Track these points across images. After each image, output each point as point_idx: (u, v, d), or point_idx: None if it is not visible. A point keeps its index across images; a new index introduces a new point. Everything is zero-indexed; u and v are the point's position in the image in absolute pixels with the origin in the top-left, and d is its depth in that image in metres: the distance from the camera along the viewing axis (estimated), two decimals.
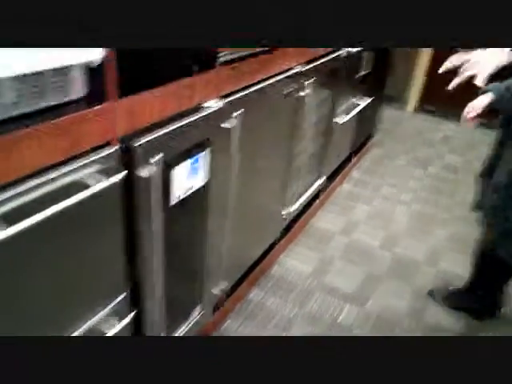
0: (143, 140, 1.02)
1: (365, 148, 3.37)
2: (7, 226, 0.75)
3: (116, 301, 1.12)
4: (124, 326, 1.12)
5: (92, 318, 1.05)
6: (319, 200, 2.58)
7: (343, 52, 2.21)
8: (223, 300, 1.75)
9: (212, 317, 1.64)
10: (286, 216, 2.09)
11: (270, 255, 2.10)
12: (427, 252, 2.40)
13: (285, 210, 2.06)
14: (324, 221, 2.59)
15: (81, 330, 1.02)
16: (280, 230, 2.13)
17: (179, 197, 1.22)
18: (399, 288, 2.13)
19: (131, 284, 1.18)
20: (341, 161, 2.85)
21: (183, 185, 1.22)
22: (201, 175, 1.29)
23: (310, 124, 2.00)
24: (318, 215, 2.63)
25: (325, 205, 2.73)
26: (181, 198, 1.23)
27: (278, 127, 1.77)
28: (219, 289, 1.59)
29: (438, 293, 2.07)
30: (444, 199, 2.94)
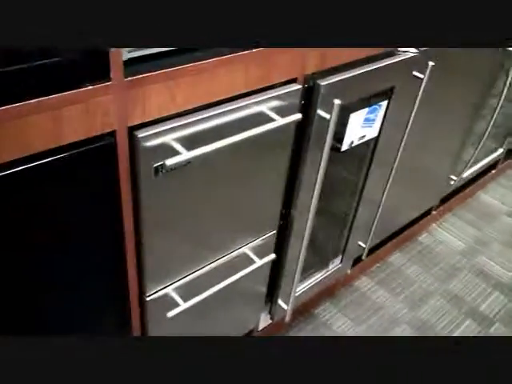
0: (329, 81, 0.95)
1: None
2: (194, 148, 0.77)
3: (266, 235, 1.13)
4: (264, 264, 1.13)
5: (242, 246, 1.08)
6: (495, 171, 2.28)
7: None
8: (362, 256, 1.68)
9: (350, 269, 1.60)
10: (455, 182, 1.89)
11: (422, 221, 1.95)
12: None
13: (455, 176, 1.86)
14: (493, 196, 2.30)
15: (231, 255, 1.05)
16: (441, 197, 1.95)
17: (352, 143, 1.14)
18: None
19: (282, 224, 1.18)
20: None
21: (357, 132, 1.14)
22: (376, 124, 1.19)
23: (508, 86, 1.71)
24: (488, 188, 2.34)
25: (498, 178, 2.41)
26: (352, 145, 1.15)
27: (470, 84, 1.55)
28: (363, 243, 1.53)
29: None
30: None
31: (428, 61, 1.18)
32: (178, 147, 0.77)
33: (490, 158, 2.12)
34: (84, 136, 0.66)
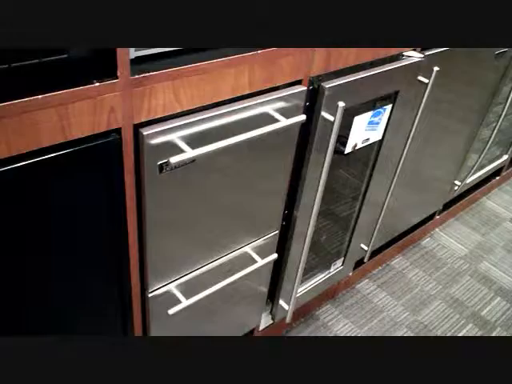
0: (334, 83, 0.96)
1: None
2: (198, 147, 0.78)
3: (268, 235, 1.13)
4: (265, 264, 1.14)
5: (244, 246, 1.08)
6: (499, 177, 2.28)
7: None
8: (364, 259, 1.69)
9: (352, 272, 1.60)
10: (458, 187, 1.89)
11: (425, 225, 1.95)
12: None
13: (459, 181, 1.86)
14: (497, 202, 2.30)
15: (233, 254, 1.06)
16: (445, 202, 1.95)
17: (355, 146, 1.15)
18: None
19: (284, 224, 1.18)
20: None
21: (361, 135, 1.14)
22: (380, 128, 1.20)
23: None
24: (492, 194, 2.33)
25: (503, 184, 2.41)
26: (356, 148, 1.16)
27: (475, 90, 1.55)
28: (366, 246, 1.53)
29: None
30: None
31: (433, 66, 1.18)
32: (183, 145, 0.77)
33: (495, 165, 2.11)
34: (90, 132, 0.67)
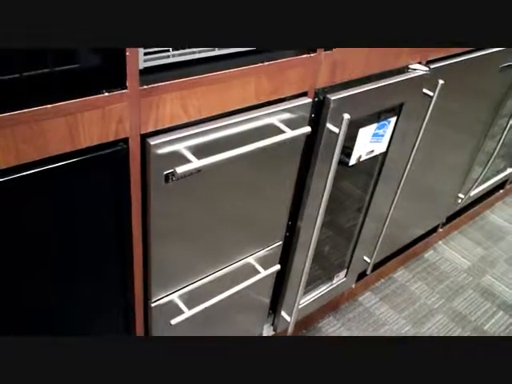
0: (339, 95, 0.96)
1: None
2: (204, 157, 0.78)
3: (272, 246, 1.13)
4: (268, 275, 1.13)
5: (247, 256, 1.08)
6: (503, 190, 2.28)
7: None
8: (367, 271, 1.68)
9: (354, 284, 1.59)
10: (462, 200, 1.88)
11: (428, 238, 1.94)
12: None
13: (462, 194, 1.86)
14: (500, 215, 2.29)
15: (237, 264, 1.06)
16: (448, 215, 1.94)
17: (360, 158, 1.15)
18: None
19: (288, 235, 1.18)
20: None
21: (365, 147, 1.15)
22: (385, 140, 1.20)
23: None
24: (496, 207, 2.33)
25: (507, 198, 2.40)
26: (360, 160, 1.16)
27: (480, 103, 1.55)
28: (369, 258, 1.53)
29: None
30: None
31: (438, 79, 1.19)
32: (189, 155, 0.78)
33: (499, 178, 2.11)
34: (98, 141, 0.68)
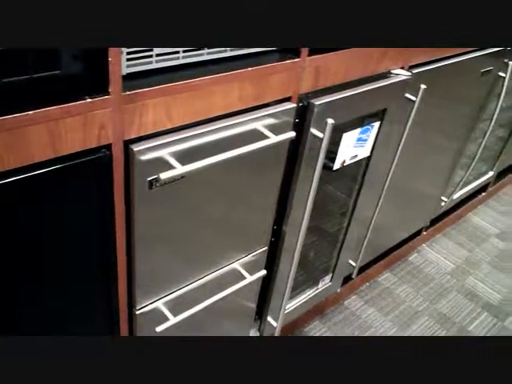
0: (323, 100, 0.97)
1: None
2: (188, 163, 0.77)
3: (257, 251, 1.13)
4: (254, 280, 1.13)
5: (233, 262, 1.08)
6: (485, 193, 2.31)
7: None
8: (353, 275, 1.69)
9: (340, 288, 1.60)
10: (445, 203, 1.91)
11: (412, 241, 1.96)
12: None
13: (445, 197, 1.88)
14: (483, 218, 2.32)
15: (222, 270, 1.06)
16: (432, 218, 1.96)
17: (344, 162, 1.16)
18: None
19: (273, 240, 1.18)
20: None
21: (349, 151, 1.16)
22: (368, 144, 1.21)
23: (499, 110, 1.74)
24: (479, 210, 2.36)
25: (489, 200, 2.44)
26: (344, 164, 1.17)
27: (461, 108, 1.58)
28: (354, 262, 1.54)
29: None
30: None
31: (420, 83, 1.21)
32: (173, 161, 0.77)
33: (481, 181, 2.14)
34: (80, 148, 0.67)
